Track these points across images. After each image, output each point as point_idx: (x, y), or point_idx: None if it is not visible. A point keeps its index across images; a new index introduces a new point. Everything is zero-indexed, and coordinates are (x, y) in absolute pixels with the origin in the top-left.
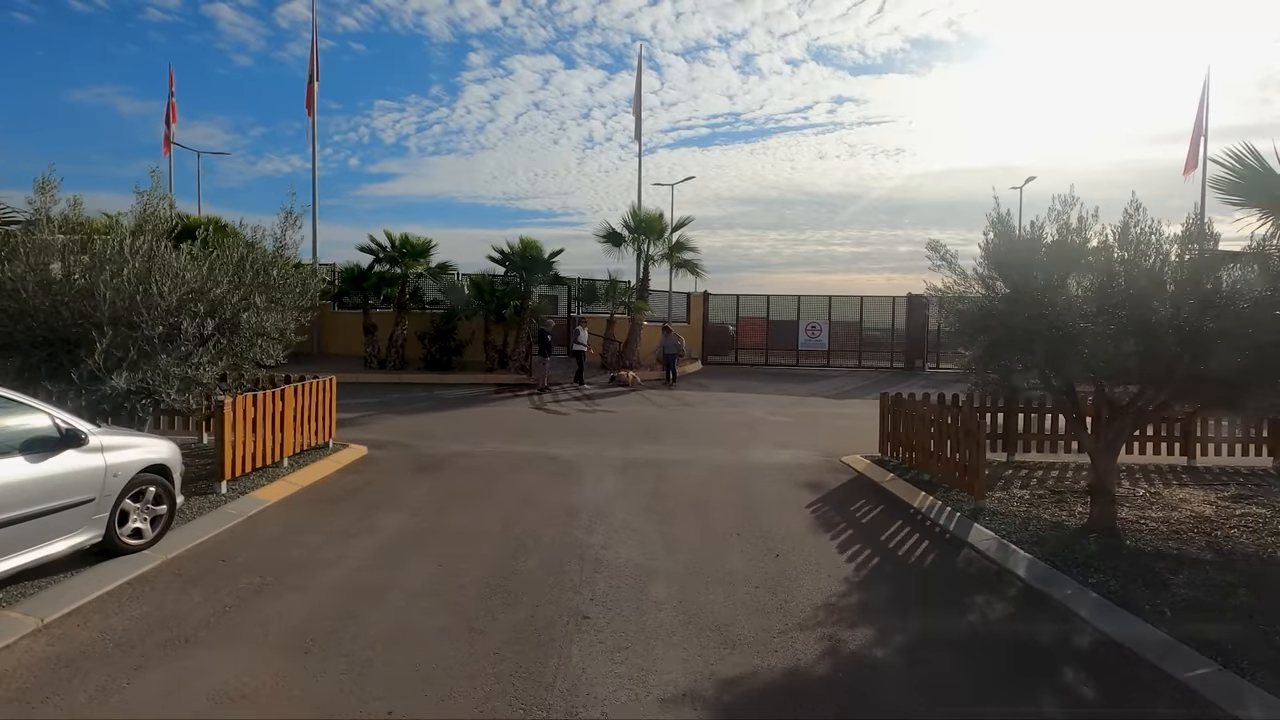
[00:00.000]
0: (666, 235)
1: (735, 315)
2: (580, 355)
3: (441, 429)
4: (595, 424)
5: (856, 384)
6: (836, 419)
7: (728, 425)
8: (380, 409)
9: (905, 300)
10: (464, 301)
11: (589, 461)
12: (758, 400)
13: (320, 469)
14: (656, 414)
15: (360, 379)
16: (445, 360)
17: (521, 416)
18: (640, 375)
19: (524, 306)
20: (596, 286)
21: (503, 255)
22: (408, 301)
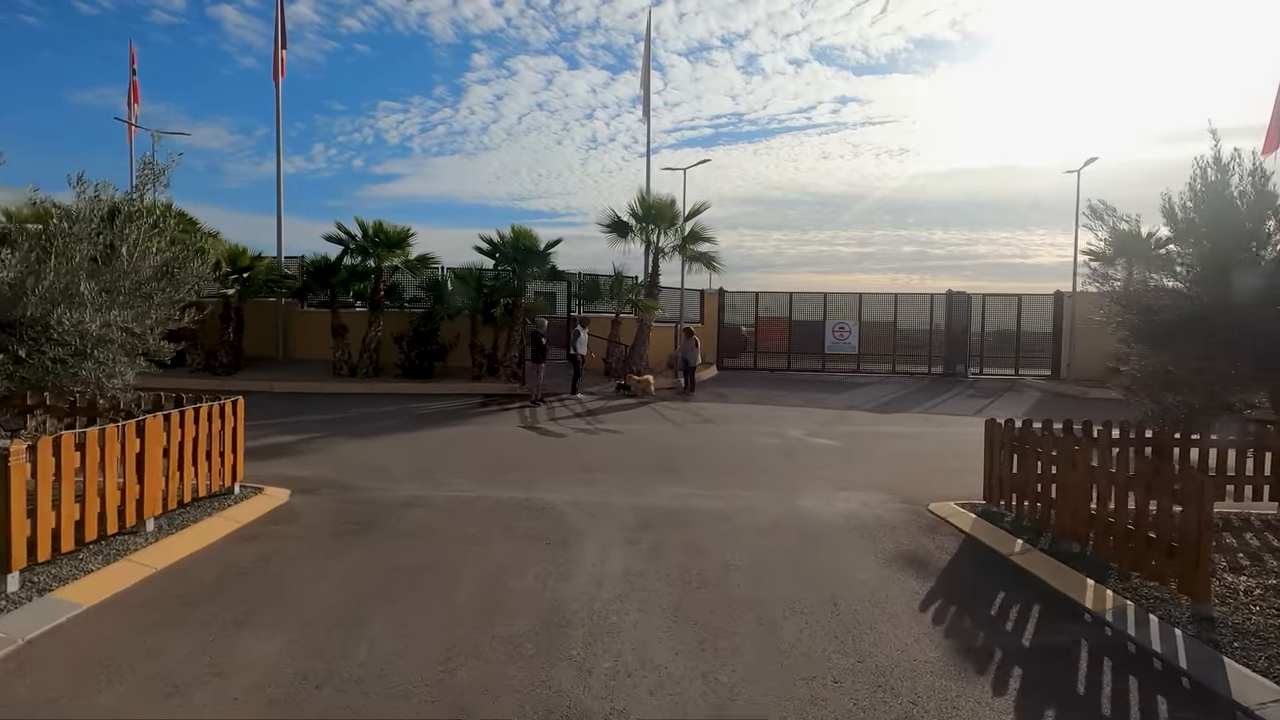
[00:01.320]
0: (679, 224)
1: (753, 315)
2: (578, 361)
3: (402, 459)
4: (597, 450)
5: (895, 393)
6: (893, 442)
7: (762, 451)
8: (334, 429)
9: (945, 298)
10: (447, 299)
11: (588, 516)
12: (790, 415)
13: (204, 533)
14: (672, 435)
15: (325, 389)
16: (426, 366)
17: (507, 439)
18: (651, 383)
19: (516, 305)
20: (600, 282)
21: (491, 246)
22: (383, 299)
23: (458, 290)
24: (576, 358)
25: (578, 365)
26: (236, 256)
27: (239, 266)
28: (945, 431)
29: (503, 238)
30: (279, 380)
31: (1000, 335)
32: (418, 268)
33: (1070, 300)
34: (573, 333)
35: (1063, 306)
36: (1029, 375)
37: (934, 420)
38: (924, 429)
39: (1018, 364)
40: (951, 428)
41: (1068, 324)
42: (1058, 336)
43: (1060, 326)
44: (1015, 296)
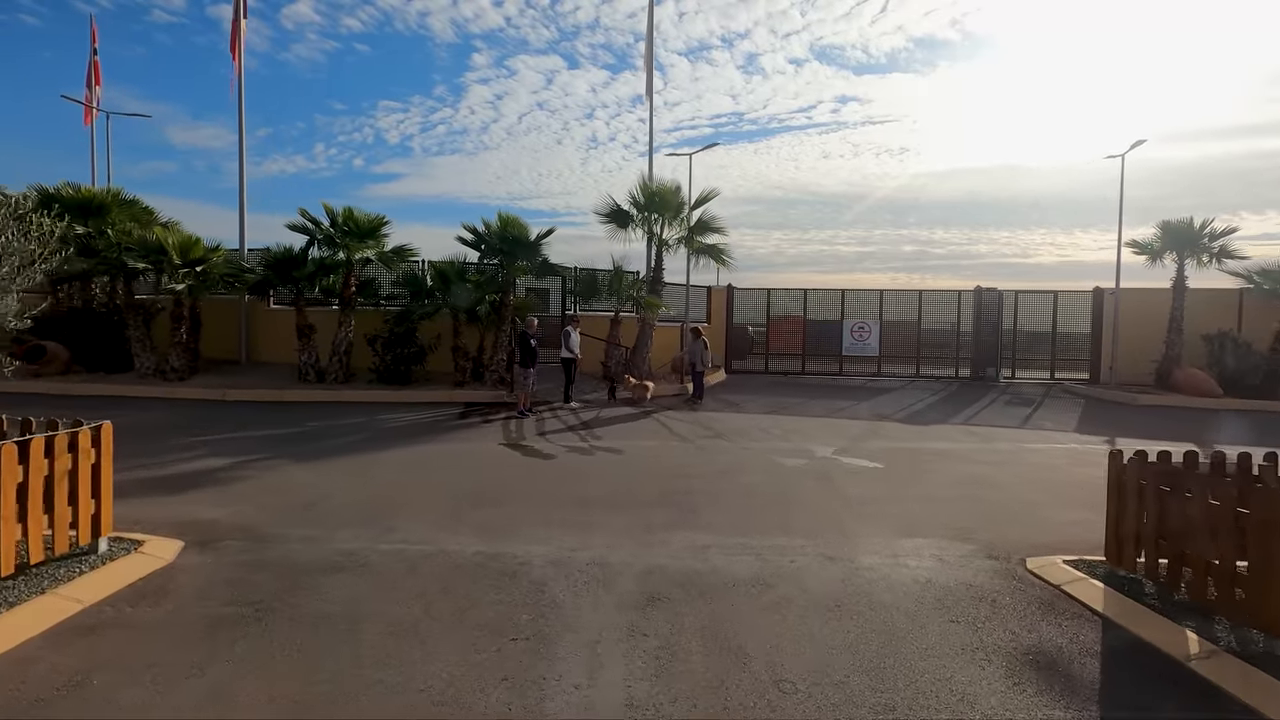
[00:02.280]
0: (684, 214)
1: (764, 314)
2: (570, 365)
3: (349, 490)
4: (592, 477)
5: (923, 400)
6: (942, 463)
7: (791, 477)
8: (280, 448)
9: (973, 295)
10: (425, 295)
11: (576, 584)
12: (813, 428)
13: (16, 625)
14: (682, 455)
15: (286, 396)
16: (402, 371)
17: (484, 461)
18: (654, 388)
19: (504, 302)
20: (597, 278)
21: (475, 235)
22: (354, 296)
23: (437, 286)
24: (570, 361)
25: (570, 370)
26: (188, 247)
27: (191, 258)
28: (997, 449)
29: (489, 226)
30: (235, 387)
31: (1032, 336)
32: (393, 261)
33: (1113, 297)
34: (563, 333)
35: (1102, 304)
36: (1066, 379)
37: (977, 433)
38: (971, 445)
39: (1053, 367)
40: (1002, 443)
41: (1108, 323)
42: (1097, 337)
43: (1100, 326)
44: (1050, 293)
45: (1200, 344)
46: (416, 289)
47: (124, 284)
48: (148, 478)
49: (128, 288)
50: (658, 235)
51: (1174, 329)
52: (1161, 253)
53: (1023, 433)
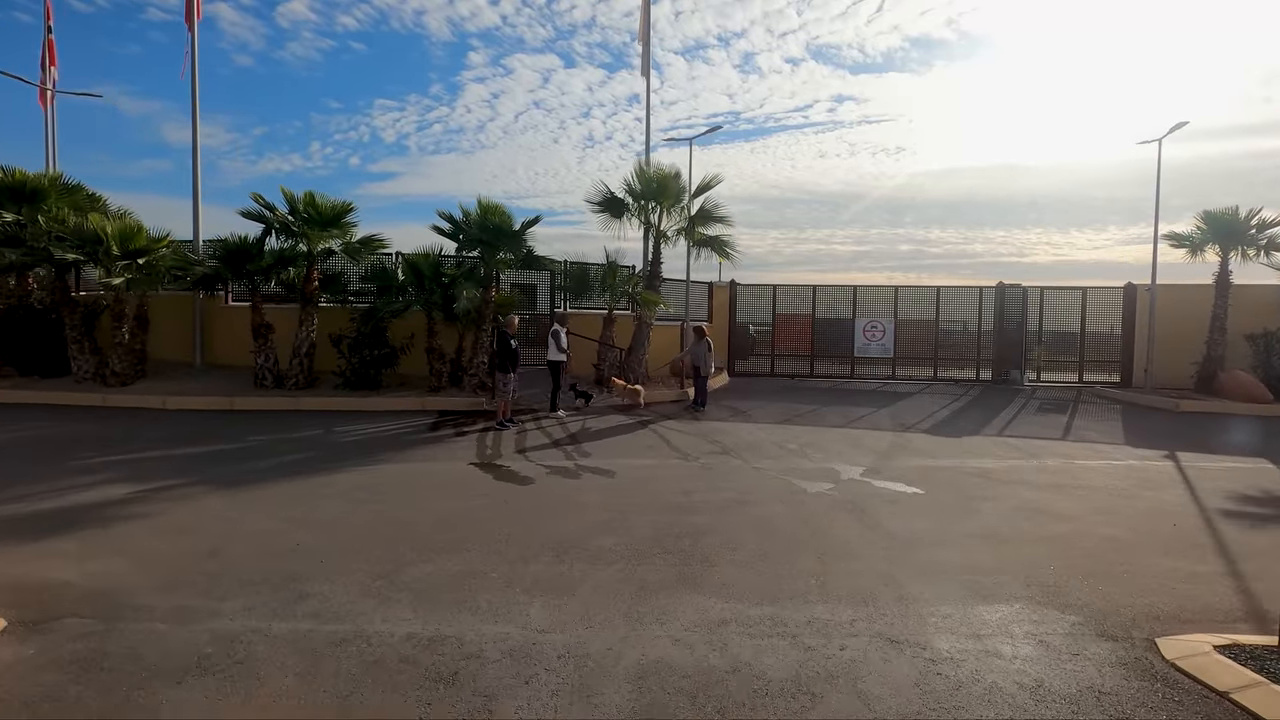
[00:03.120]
0: (685, 202)
1: (769, 311)
2: (558, 369)
3: (264, 535)
4: (574, 512)
5: (946, 406)
6: (992, 488)
7: (819, 509)
8: (205, 471)
9: (995, 292)
10: (397, 291)
11: (540, 694)
12: (833, 441)
13: None
14: (685, 479)
15: (236, 404)
16: (371, 375)
17: (446, 489)
18: (652, 393)
19: (485, 299)
20: (589, 272)
21: (453, 224)
22: (316, 291)
23: (410, 281)
24: (558, 364)
25: (557, 374)
26: (128, 236)
27: (132, 249)
28: (1046, 467)
29: (467, 215)
30: (181, 394)
31: (1057, 336)
32: (360, 252)
33: (1149, 294)
34: (551, 333)
35: (1135, 301)
36: (1094, 382)
37: (1018, 447)
38: (1015, 462)
39: (1081, 369)
40: (1050, 459)
41: (1142, 321)
42: (1129, 336)
43: (1132, 324)
44: (1078, 290)
45: (1243, 345)
46: (386, 284)
47: (56, 277)
48: (8, 515)
49: (62, 282)
50: (655, 226)
51: (1216, 328)
52: (1202, 245)
53: (1068, 446)
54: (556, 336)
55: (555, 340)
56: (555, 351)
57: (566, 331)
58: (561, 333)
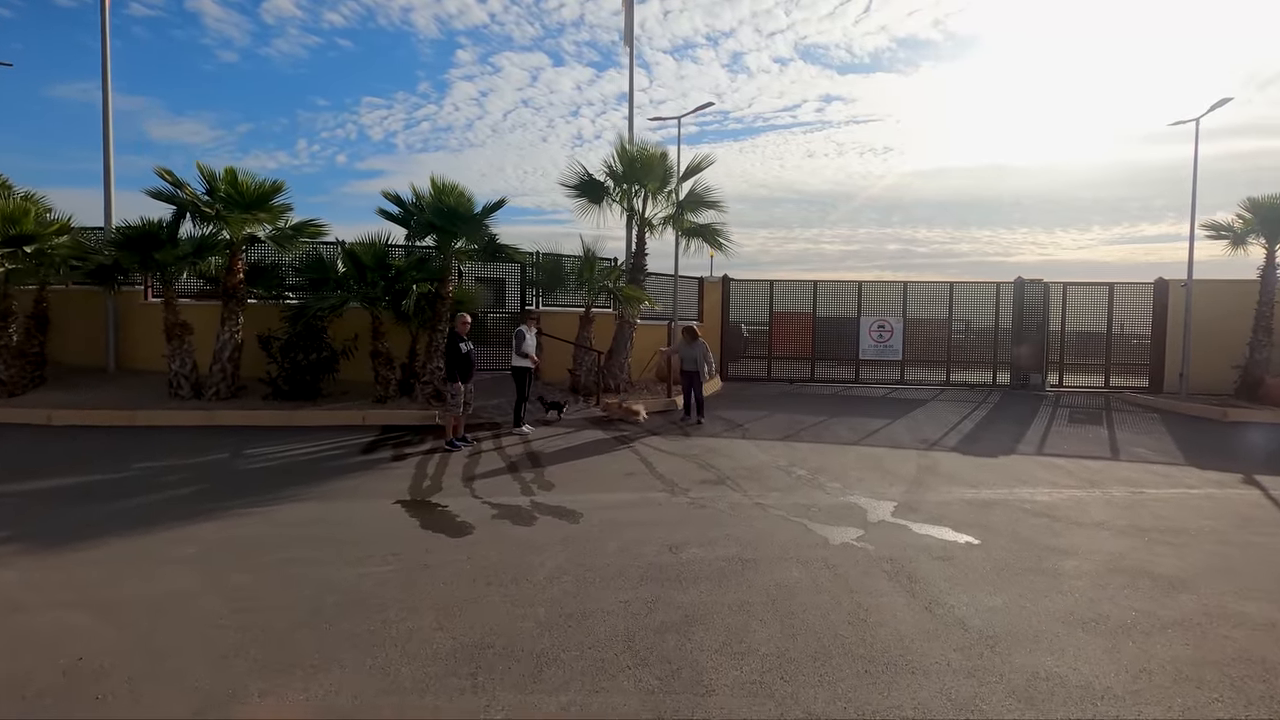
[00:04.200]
0: (672, 185)
1: (765, 309)
2: (524, 376)
3: (42, 641)
4: (515, 588)
5: (968, 415)
6: (1061, 529)
7: (852, 579)
8: (31, 516)
9: (1013, 288)
10: (337, 285)
11: None
12: (848, 463)
13: None
14: (669, 524)
15: (138, 419)
16: (308, 383)
17: (348, 548)
18: (634, 403)
19: (440, 293)
20: (563, 265)
21: (402, 207)
22: (241, 285)
23: (350, 273)
24: (522, 372)
25: (523, 383)
26: (14, 219)
27: (15, 234)
28: (1113, 498)
29: (419, 196)
30: (77, 406)
31: (1080, 336)
32: (291, 239)
33: (1185, 290)
34: (515, 334)
35: (1167, 298)
36: (1121, 386)
37: (1068, 470)
38: (1073, 491)
39: (1108, 373)
40: (1114, 488)
41: (1175, 320)
42: (1160, 337)
43: (1163, 324)
44: (1105, 286)
45: None
46: (322, 276)
47: None
48: None
49: None
50: (639, 213)
51: (1261, 328)
52: (1245, 236)
53: (1125, 469)
54: (520, 338)
55: (518, 342)
56: (518, 356)
57: (537, 331)
58: (527, 333)
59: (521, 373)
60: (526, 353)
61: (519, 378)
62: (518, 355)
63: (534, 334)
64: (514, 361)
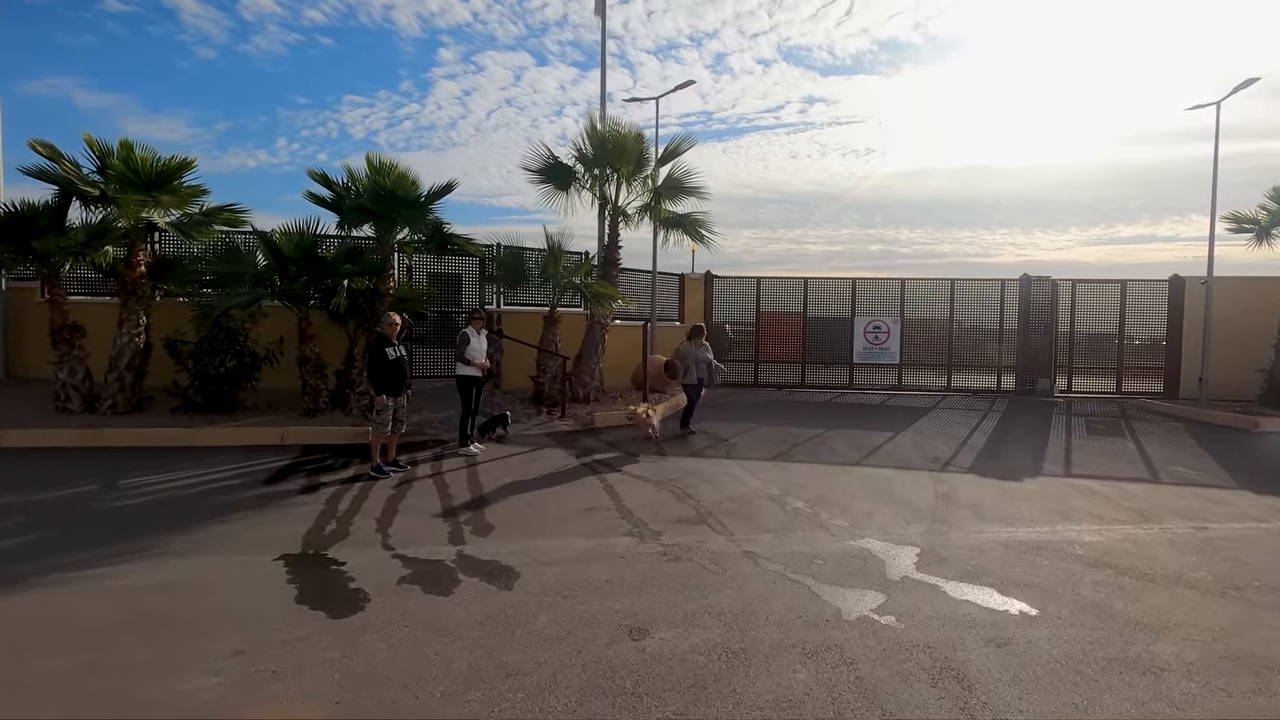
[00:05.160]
0: (649, 171)
1: (751, 309)
2: (471, 386)
3: None
4: (400, 712)
5: (977, 426)
6: (1131, 585)
7: (882, 683)
8: None
9: (1019, 285)
10: (257, 280)
11: None
12: (852, 490)
13: None
14: (633, 589)
15: (5, 440)
16: (224, 394)
17: (194, 634)
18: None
19: (378, 290)
20: (525, 259)
21: (333, 190)
22: (143, 280)
23: (272, 267)
24: (468, 381)
25: (470, 394)
26: None
27: None
28: (1177, 538)
29: (353, 178)
30: None
31: (1090, 338)
32: (200, 227)
33: (1204, 289)
34: (459, 337)
35: (1183, 297)
36: (1135, 392)
37: (1109, 497)
38: (1129, 529)
39: (1120, 377)
40: (1169, 520)
41: (1192, 320)
42: (1175, 338)
43: (1179, 324)
44: (1117, 283)
45: None
46: (237, 270)
47: None
48: None
49: None
50: (612, 201)
51: None
52: (1270, 228)
53: (1171, 494)
54: (465, 342)
55: (462, 346)
56: (462, 363)
57: (498, 332)
58: (473, 336)
59: (468, 382)
60: (472, 358)
61: (465, 388)
62: (462, 361)
63: (483, 336)
64: (459, 369)
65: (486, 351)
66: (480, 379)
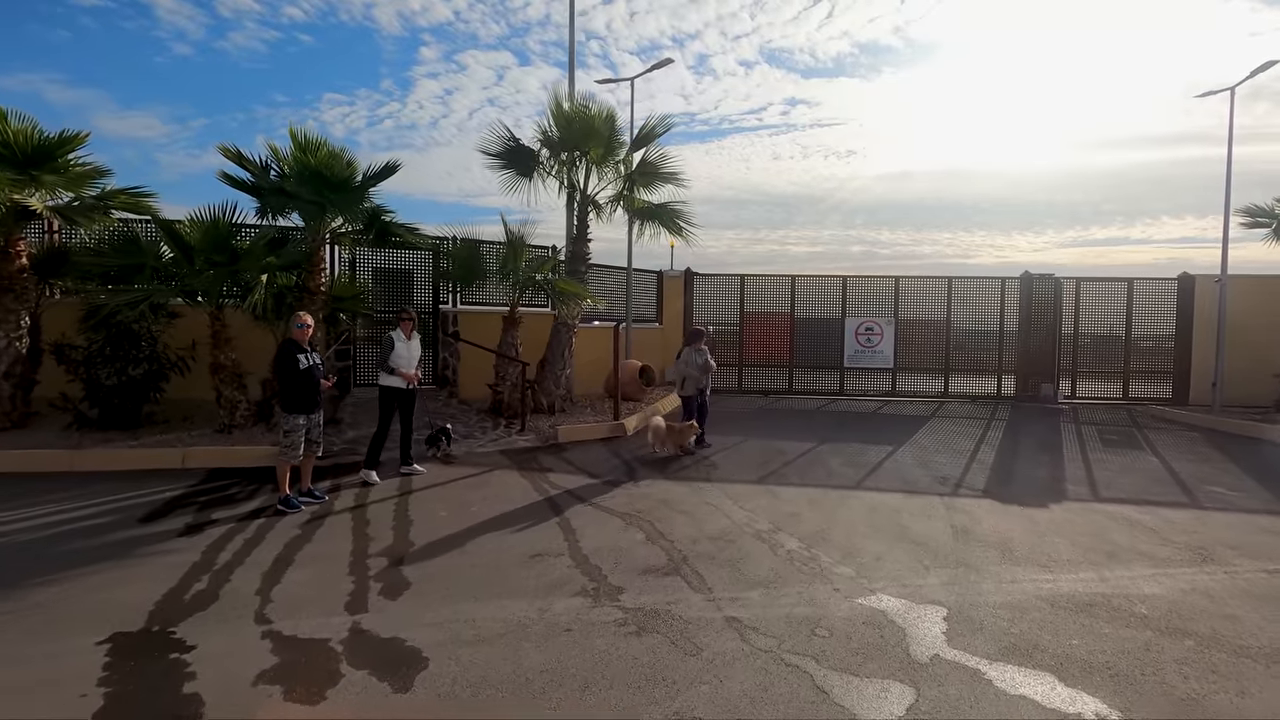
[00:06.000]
0: (622, 157)
1: (736, 309)
2: (394, 400)
3: None
4: None
5: (985, 439)
6: (1243, 676)
7: None
8: None
9: (1020, 283)
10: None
11: None
12: (857, 522)
13: None
14: (577, 696)
15: None
16: (126, 408)
17: None
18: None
19: (308, 287)
20: (481, 253)
21: (252, 170)
22: (24, 274)
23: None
24: (391, 395)
25: (390, 409)
26: None
27: None
28: (1252, 585)
29: (278, 156)
30: None
31: (1094, 339)
32: (92, 212)
33: (1219, 288)
34: (382, 341)
35: (1193, 296)
36: (1142, 397)
37: (1152, 527)
38: (1192, 575)
39: (1127, 382)
40: (1234, 558)
41: (1203, 321)
42: (1185, 340)
43: (1189, 325)
44: (1124, 281)
45: None
46: (135, 262)
47: None
48: None
49: None
50: (580, 188)
51: None
52: None
53: (1218, 521)
54: (388, 347)
55: (385, 352)
56: (386, 371)
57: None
58: (399, 340)
59: (390, 396)
60: (396, 366)
61: (386, 402)
62: (384, 370)
63: (414, 341)
64: (381, 379)
65: (420, 358)
66: (409, 392)
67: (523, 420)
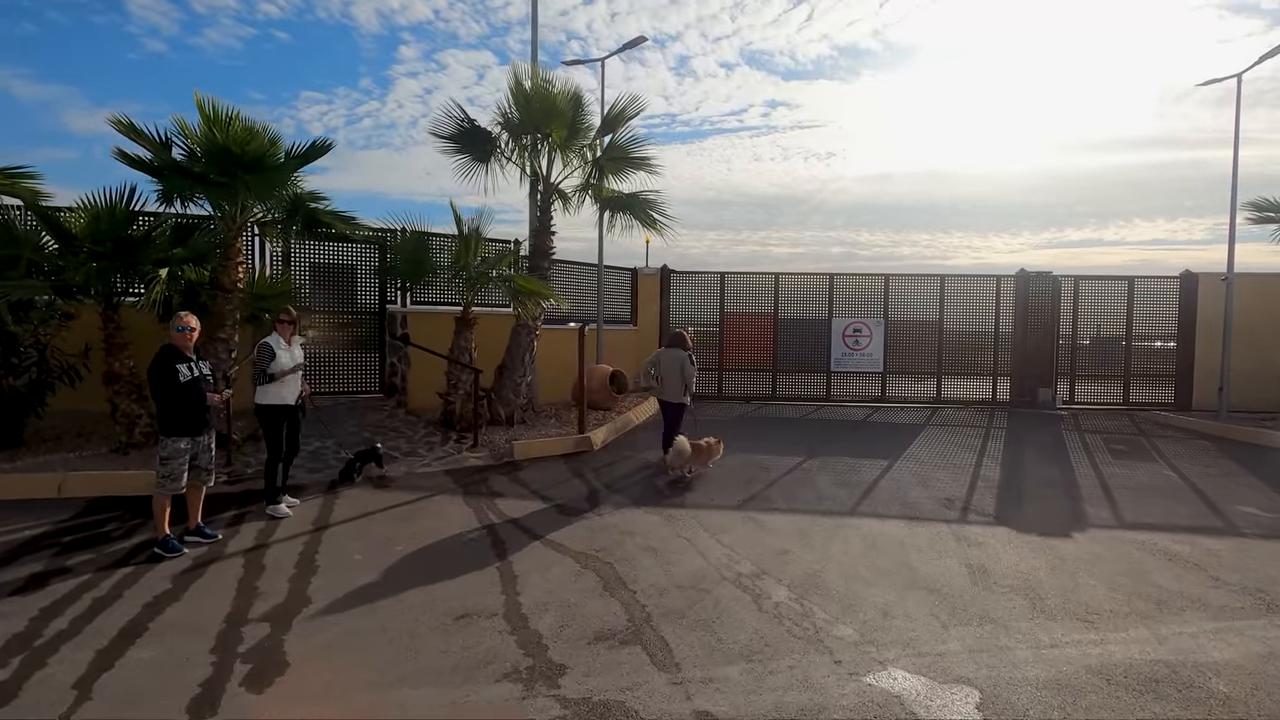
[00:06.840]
0: (590, 140)
1: (716, 309)
2: (277, 420)
3: None
4: None
5: (987, 451)
6: None
7: None
8: None
9: (1015, 282)
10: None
11: None
12: (855, 562)
13: None
14: None
15: None
16: (7, 424)
17: None
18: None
19: (222, 284)
20: (429, 247)
21: (153, 148)
22: None
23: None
24: (272, 413)
25: (277, 429)
26: None
27: None
28: None
29: (187, 132)
30: None
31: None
32: None
33: (1226, 287)
34: (258, 349)
35: (1196, 295)
36: (1144, 402)
37: (1201, 564)
38: (1262, 626)
39: (1128, 387)
40: None
41: (1207, 321)
42: (1188, 342)
43: (1192, 327)
44: (1125, 280)
45: None
46: (11, 255)
47: None
48: None
49: None
50: (543, 175)
51: None
52: None
53: (1266, 553)
54: (266, 356)
55: (263, 362)
56: (264, 380)
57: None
58: (279, 348)
59: (274, 414)
60: (275, 374)
61: (270, 422)
62: (263, 382)
63: (296, 348)
64: (259, 396)
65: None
66: (293, 408)
67: (474, 434)
